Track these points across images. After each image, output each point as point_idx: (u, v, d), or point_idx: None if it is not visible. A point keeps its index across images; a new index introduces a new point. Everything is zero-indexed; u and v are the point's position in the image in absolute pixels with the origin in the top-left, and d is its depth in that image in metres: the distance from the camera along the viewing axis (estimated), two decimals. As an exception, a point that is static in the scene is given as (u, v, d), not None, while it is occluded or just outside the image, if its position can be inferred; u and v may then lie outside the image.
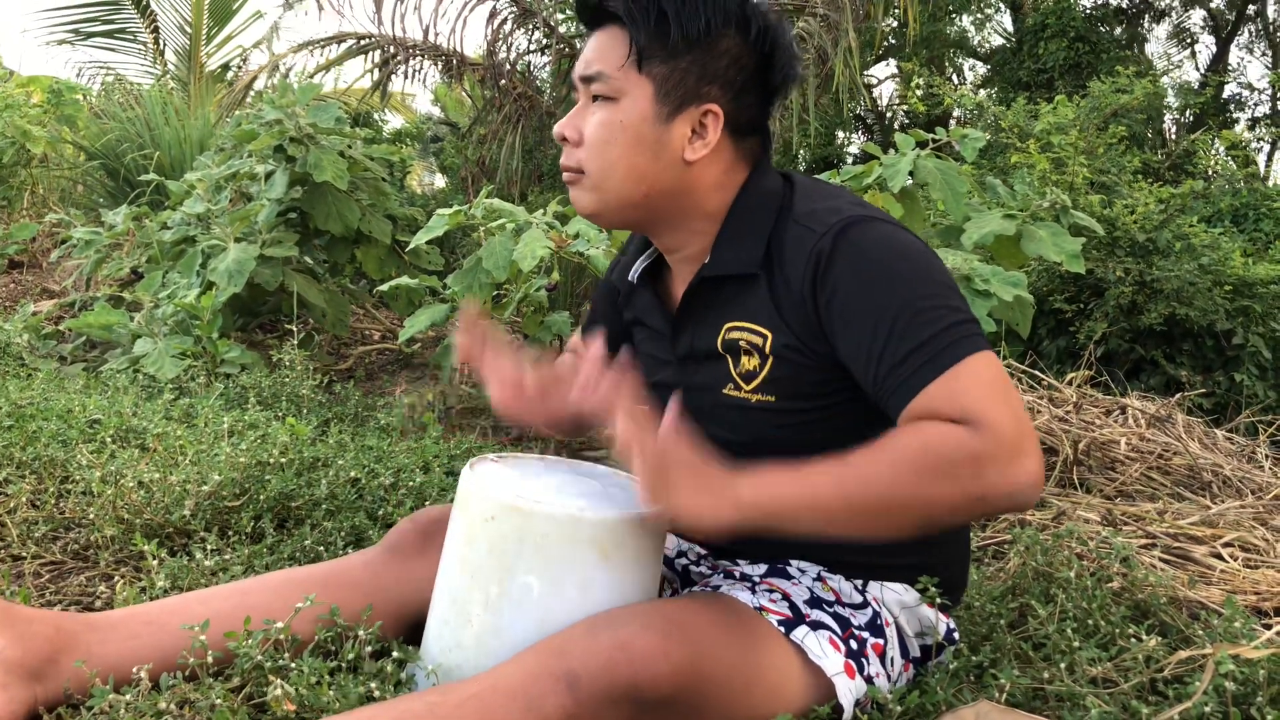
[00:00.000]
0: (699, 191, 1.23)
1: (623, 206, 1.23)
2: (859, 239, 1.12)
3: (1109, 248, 5.12)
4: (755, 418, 1.22)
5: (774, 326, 1.18)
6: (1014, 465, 0.99)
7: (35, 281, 5.23)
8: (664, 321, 1.33)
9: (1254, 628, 1.36)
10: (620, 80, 1.19)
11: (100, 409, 2.46)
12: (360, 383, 3.62)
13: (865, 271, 1.11)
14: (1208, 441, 2.89)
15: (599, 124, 1.20)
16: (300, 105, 3.55)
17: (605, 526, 1.11)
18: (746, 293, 1.21)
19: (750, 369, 1.21)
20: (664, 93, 1.19)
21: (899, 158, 2.54)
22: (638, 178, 1.20)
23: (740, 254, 1.21)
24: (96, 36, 10.20)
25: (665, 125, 1.19)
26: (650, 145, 1.19)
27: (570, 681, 0.97)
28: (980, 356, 1.05)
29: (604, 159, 1.20)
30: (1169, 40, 17.32)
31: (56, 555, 1.73)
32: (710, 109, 1.20)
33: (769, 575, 1.27)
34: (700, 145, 1.20)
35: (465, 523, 1.17)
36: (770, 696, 1.09)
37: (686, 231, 1.26)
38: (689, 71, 1.19)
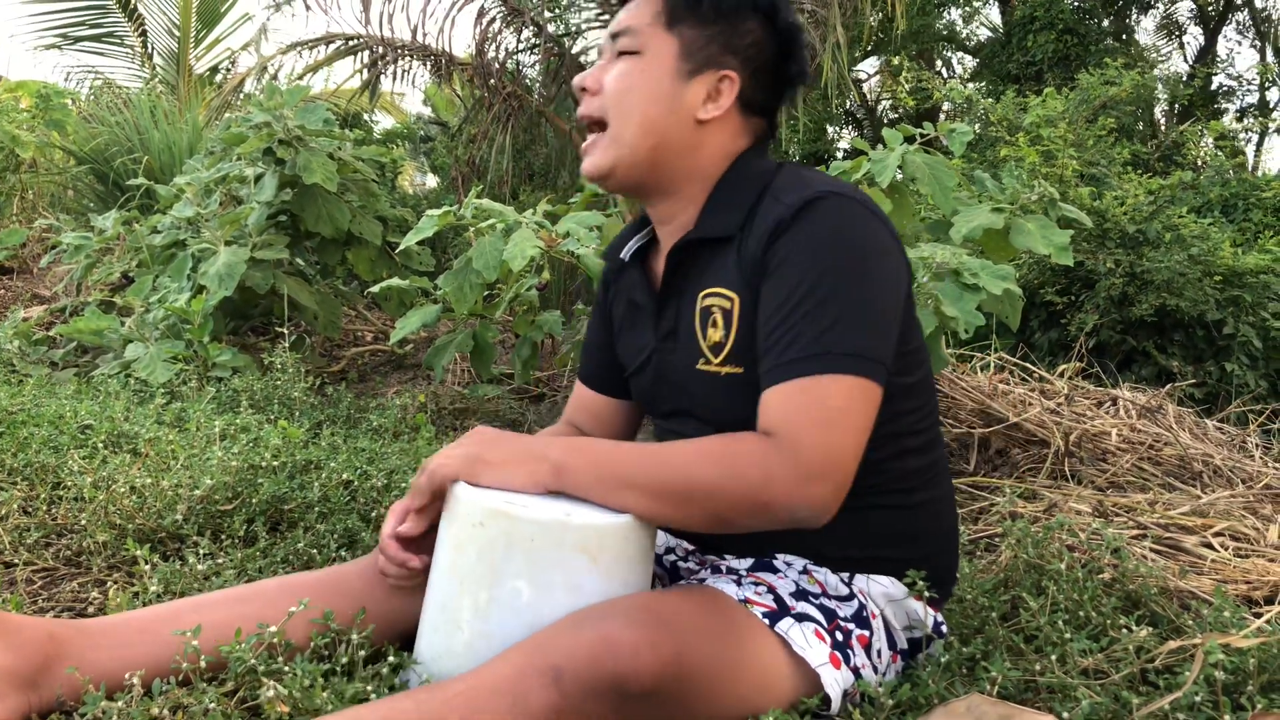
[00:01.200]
0: (701, 154, 1.29)
1: (632, 162, 1.28)
2: (819, 216, 1.16)
3: (1099, 239, 5.14)
4: (727, 393, 1.24)
5: (738, 290, 1.22)
6: (800, 486, 1.07)
7: (25, 287, 5.21)
8: (649, 298, 1.37)
9: (1244, 617, 1.37)
10: (648, 35, 1.27)
11: (92, 414, 2.46)
12: (352, 384, 3.62)
13: (805, 248, 1.15)
14: (1198, 432, 2.90)
15: (621, 74, 1.27)
16: (288, 107, 3.54)
17: (592, 531, 1.11)
18: (720, 258, 1.26)
19: (717, 341, 1.25)
20: (688, 53, 1.26)
21: (887, 153, 2.54)
22: (650, 128, 1.26)
23: (723, 219, 1.26)
24: (84, 40, 10.16)
25: (684, 82, 1.26)
26: (667, 98, 1.26)
27: (555, 676, 0.97)
28: (843, 381, 1.09)
29: (621, 106, 1.27)
30: (1157, 32, 17.36)
31: (49, 561, 1.72)
32: (728, 75, 1.27)
33: (755, 569, 1.27)
34: (713, 107, 1.27)
35: (454, 529, 1.17)
36: (755, 686, 1.10)
37: (682, 198, 1.31)
38: (714, 39, 1.26)
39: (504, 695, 0.97)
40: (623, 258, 1.42)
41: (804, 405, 1.09)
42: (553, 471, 1.14)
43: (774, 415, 1.10)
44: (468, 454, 1.16)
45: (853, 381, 1.09)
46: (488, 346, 3.13)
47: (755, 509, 1.08)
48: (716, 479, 1.08)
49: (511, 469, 1.14)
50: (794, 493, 1.06)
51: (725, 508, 1.09)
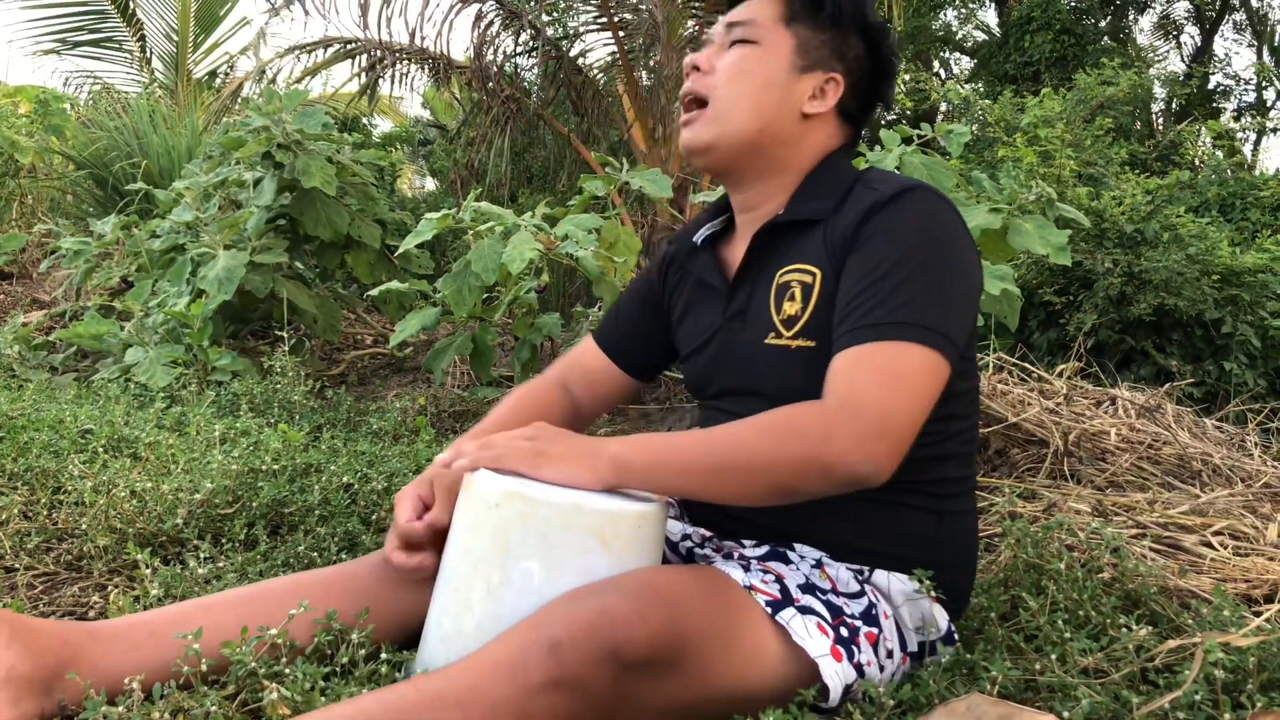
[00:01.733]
0: (799, 146, 1.36)
1: (735, 142, 1.34)
2: (914, 200, 1.22)
3: (1097, 239, 5.14)
4: (796, 366, 1.27)
5: (822, 266, 1.26)
6: (862, 440, 1.08)
7: (25, 292, 5.22)
8: (722, 280, 1.41)
9: (1243, 616, 1.37)
10: (767, 29, 1.34)
11: (92, 419, 2.46)
12: (352, 388, 3.62)
13: (899, 224, 1.20)
14: (1197, 431, 2.90)
15: (739, 58, 1.34)
16: (287, 111, 3.54)
17: (606, 515, 1.13)
18: (804, 239, 1.31)
19: (792, 314, 1.28)
20: (803, 50, 1.34)
21: (885, 154, 2.55)
22: (758, 113, 1.32)
23: (814, 205, 1.32)
24: (83, 45, 10.17)
25: (796, 76, 1.34)
26: (779, 88, 1.33)
27: (553, 647, 0.98)
28: (906, 346, 1.12)
29: (734, 89, 1.33)
30: (1154, 31, 17.38)
31: (50, 566, 1.73)
32: (834, 77, 1.35)
33: (767, 558, 1.28)
34: (819, 104, 1.35)
35: (469, 511, 1.18)
36: (750, 658, 1.10)
37: (774, 186, 1.37)
38: (826, 43, 1.35)
39: (503, 668, 0.98)
40: (695, 241, 1.47)
41: (871, 368, 1.11)
42: (612, 466, 1.15)
43: (840, 376, 1.12)
44: (533, 447, 1.17)
45: (922, 351, 1.12)
46: (487, 349, 3.14)
47: (817, 471, 1.09)
48: (775, 447, 1.10)
49: (573, 465, 1.15)
50: (853, 449, 1.07)
51: (787, 475, 1.10)
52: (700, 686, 1.06)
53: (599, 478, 1.15)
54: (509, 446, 1.17)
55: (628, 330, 1.58)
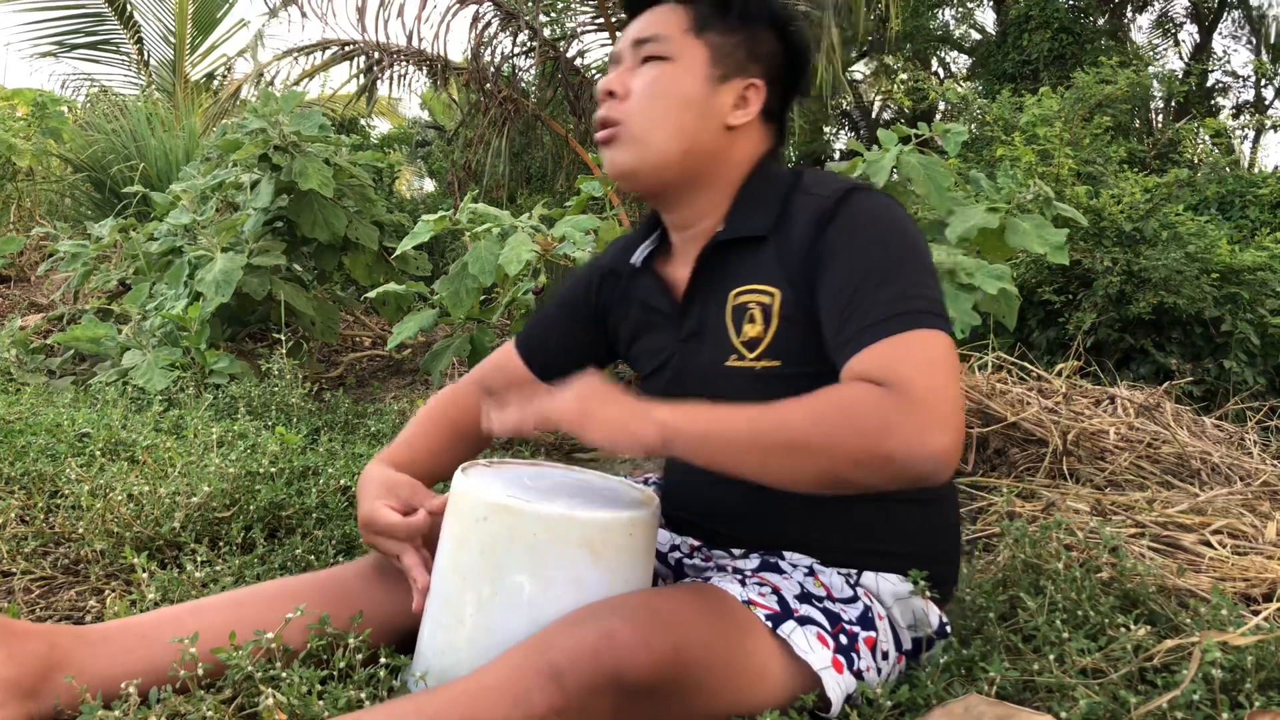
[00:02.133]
0: (730, 159, 1.31)
1: (660, 164, 1.28)
2: (860, 203, 1.20)
3: (1096, 238, 5.14)
4: (760, 387, 1.23)
5: (780, 286, 1.23)
6: (924, 431, 1.01)
7: (23, 295, 5.21)
8: (668, 302, 1.36)
9: (1241, 615, 1.37)
10: (678, 42, 1.28)
11: (89, 422, 2.46)
12: (350, 390, 3.62)
13: (856, 229, 1.17)
14: (1196, 429, 2.90)
15: (652, 80, 1.28)
16: (284, 113, 3.54)
17: (596, 526, 1.11)
18: (754, 257, 1.27)
19: (754, 335, 1.25)
20: (717, 59, 1.28)
21: (882, 153, 2.54)
22: (680, 133, 1.27)
23: (754, 219, 1.28)
24: (80, 48, 10.18)
25: (714, 89, 1.28)
26: (698, 105, 1.28)
27: (555, 674, 0.97)
28: (930, 333, 1.09)
29: (652, 112, 1.27)
30: (1152, 29, 17.38)
31: (46, 570, 1.72)
32: (754, 83, 1.31)
33: (761, 569, 1.27)
34: (742, 114, 1.30)
35: (457, 525, 1.17)
36: (754, 683, 1.10)
37: (706, 202, 1.32)
38: (740, 46, 1.30)
39: (505, 695, 0.97)
40: (634, 263, 1.42)
41: (906, 357, 1.06)
42: (659, 432, 1.08)
43: (880, 368, 1.06)
44: (581, 408, 1.11)
45: (938, 334, 1.09)
46: (485, 350, 3.13)
47: (875, 462, 1.02)
48: (831, 432, 1.03)
49: (618, 429, 1.09)
50: (916, 441, 1.00)
51: (843, 463, 1.03)
52: (704, 711, 1.06)
53: (643, 443, 1.09)
54: (555, 405, 1.12)
55: (552, 342, 1.53)
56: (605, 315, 1.49)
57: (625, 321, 1.46)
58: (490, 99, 5.85)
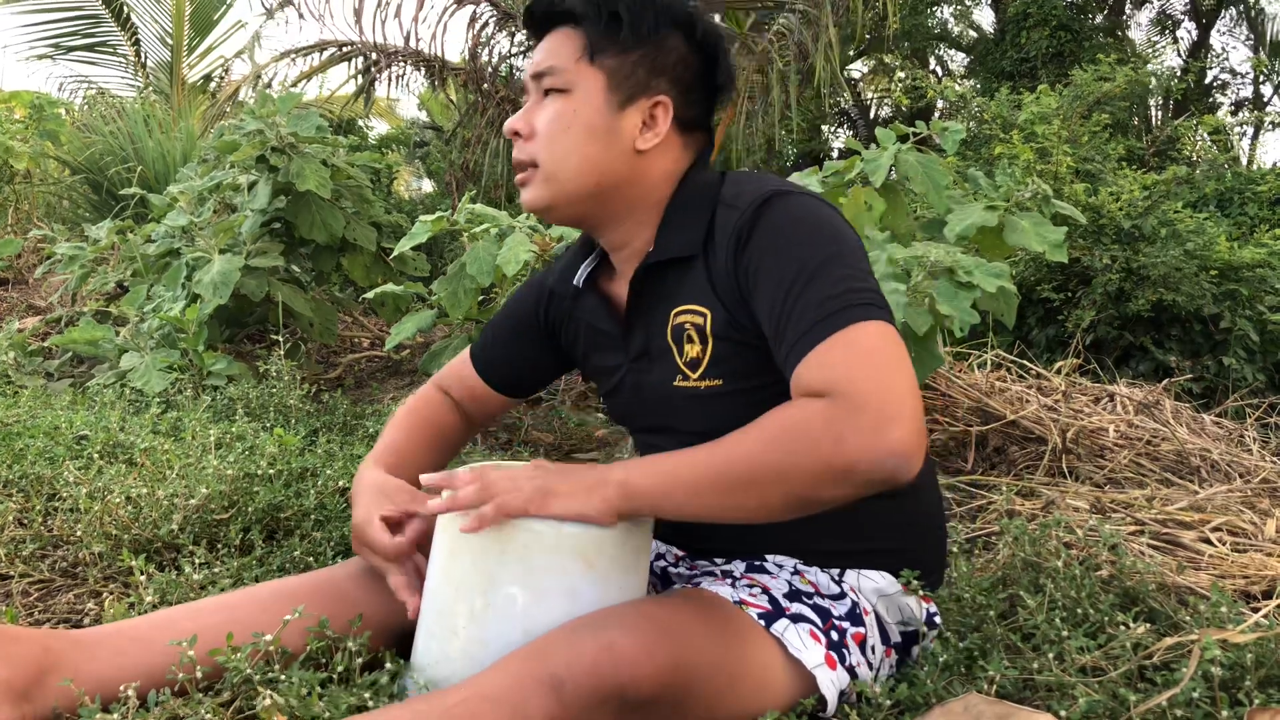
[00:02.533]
0: (647, 181, 1.27)
1: (575, 198, 1.26)
2: (773, 210, 1.17)
3: (1095, 235, 5.14)
4: (708, 406, 1.24)
5: (711, 305, 1.22)
6: (875, 434, 0.99)
7: (20, 298, 5.21)
8: (613, 323, 1.34)
9: (1241, 612, 1.36)
10: (572, 73, 1.23)
11: (87, 425, 2.46)
12: (349, 391, 3.62)
13: (776, 238, 1.15)
14: (1196, 426, 2.90)
15: (552, 115, 1.24)
16: (281, 115, 3.53)
17: (589, 537, 1.11)
18: (687, 276, 1.25)
19: (694, 356, 1.24)
20: (615, 84, 1.23)
21: (880, 152, 2.54)
22: (590, 167, 1.24)
23: (682, 238, 1.25)
24: (77, 50, 10.17)
25: (617, 115, 1.23)
26: (603, 134, 1.23)
27: (554, 685, 0.97)
28: (866, 325, 1.06)
29: (557, 149, 1.24)
30: (1151, 26, 17.37)
31: (44, 573, 1.72)
32: (660, 100, 1.25)
33: (749, 571, 1.27)
34: (651, 135, 1.25)
35: (449, 536, 1.16)
36: (754, 691, 1.10)
37: (632, 224, 1.29)
38: (639, 65, 1.24)
39: (503, 705, 0.97)
40: (576, 284, 1.39)
41: (844, 357, 1.04)
42: (620, 493, 1.09)
43: (817, 379, 1.04)
44: (537, 487, 1.10)
45: (875, 324, 1.07)
46: (484, 351, 3.13)
47: (836, 476, 1.00)
48: (786, 456, 1.02)
49: (580, 498, 1.09)
50: (873, 444, 0.98)
51: (805, 484, 1.02)
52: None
53: (609, 508, 1.09)
54: (512, 490, 1.11)
55: (501, 356, 1.52)
56: (557, 332, 1.48)
57: (577, 341, 1.44)
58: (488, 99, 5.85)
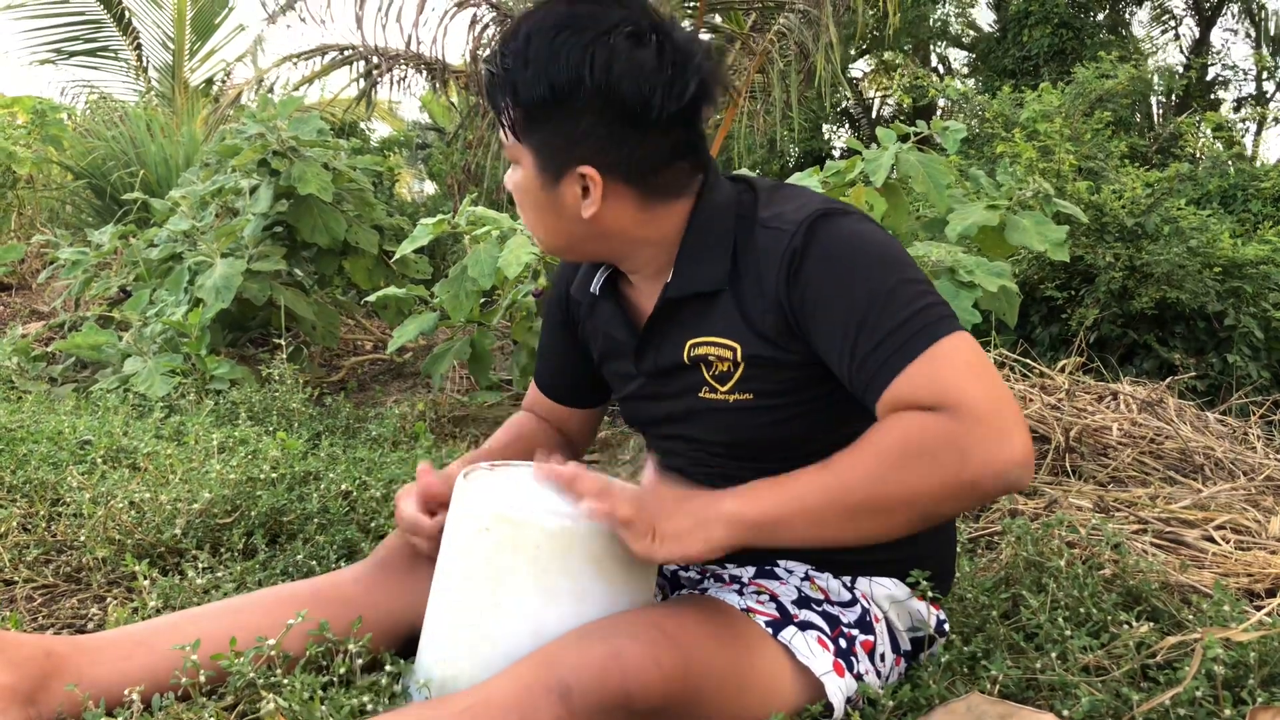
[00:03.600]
0: (624, 235, 1.22)
1: (563, 250, 1.28)
2: (828, 233, 1.13)
3: (1098, 233, 5.13)
4: (735, 418, 1.22)
5: (742, 339, 1.19)
6: (998, 445, 0.98)
7: (24, 303, 5.22)
8: (628, 334, 1.31)
9: (1244, 610, 1.36)
10: (515, 149, 1.21)
11: (91, 430, 2.46)
12: (352, 394, 3.62)
13: (836, 265, 1.11)
14: (1199, 424, 2.89)
15: (512, 184, 1.25)
16: (282, 118, 3.54)
17: (599, 537, 1.10)
18: (710, 309, 1.21)
19: (724, 370, 1.22)
20: (542, 162, 1.19)
21: (881, 152, 2.54)
22: (554, 233, 1.24)
23: (705, 271, 1.20)
24: (79, 55, 10.18)
25: (553, 190, 1.19)
26: (549, 207, 1.21)
27: (563, 693, 0.96)
28: (953, 338, 1.05)
29: (525, 217, 1.27)
30: (1152, 23, 17.35)
31: (48, 578, 1.72)
32: (583, 171, 1.16)
33: (757, 576, 1.27)
34: (589, 204, 1.18)
35: (458, 534, 1.16)
36: (761, 699, 1.09)
37: (641, 259, 1.26)
38: (554, 136, 1.16)
39: (511, 712, 0.96)
40: (593, 292, 1.36)
41: (946, 371, 1.02)
42: (728, 529, 1.03)
43: (924, 394, 1.02)
44: (648, 520, 1.05)
45: (960, 335, 1.06)
46: (485, 353, 3.13)
47: (964, 490, 0.99)
48: (911, 477, 0.99)
49: (689, 541, 1.04)
50: (997, 456, 0.98)
51: (931, 504, 1.00)
52: None
53: (714, 547, 1.03)
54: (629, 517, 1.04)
55: (560, 370, 1.51)
56: (583, 335, 1.47)
57: (594, 343, 1.43)
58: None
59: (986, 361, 1.05)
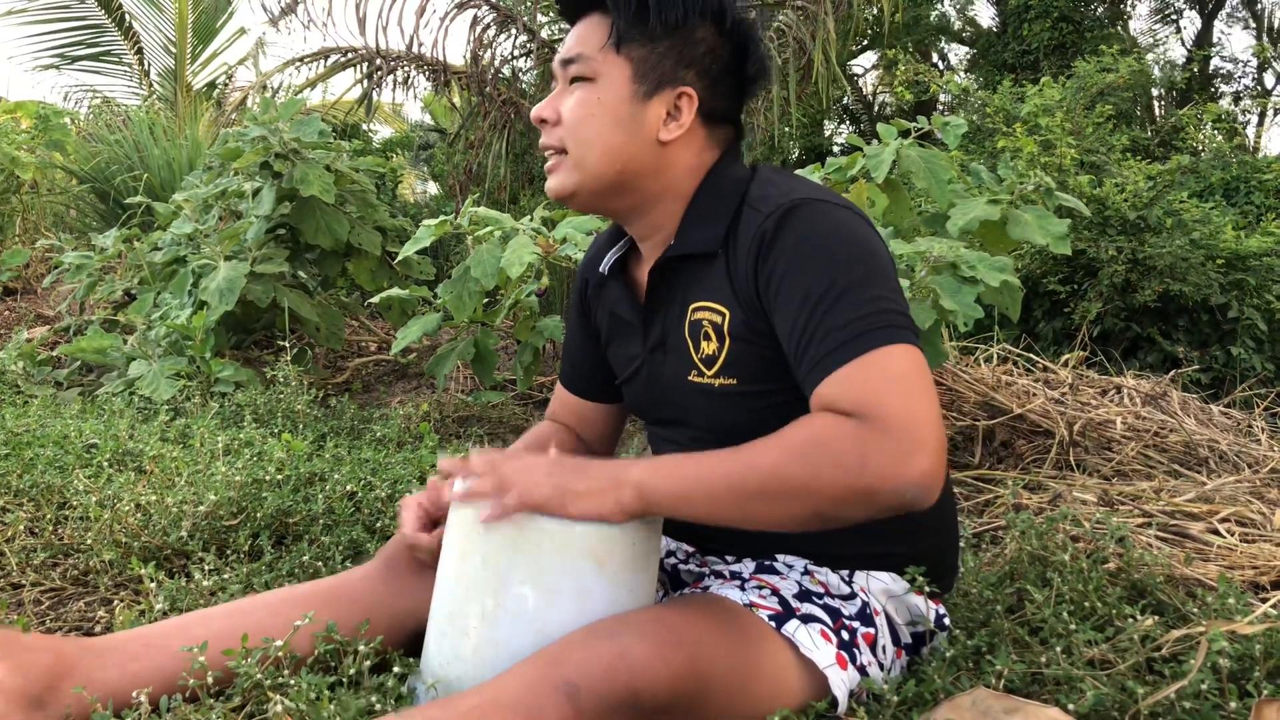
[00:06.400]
0: (670, 173, 1.26)
1: (598, 187, 1.26)
2: (801, 219, 1.15)
3: (1100, 227, 5.13)
4: (722, 404, 1.24)
5: (730, 305, 1.21)
6: (900, 461, 1.00)
7: (29, 307, 5.23)
8: (634, 311, 1.35)
9: (1249, 603, 1.36)
10: (599, 61, 1.23)
11: (96, 433, 2.47)
12: (357, 395, 3.63)
13: (803, 251, 1.14)
14: (1203, 417, 2.89)
15: (577, 102, 1.24)
16: (283, 120, 3.55)
17: (599, 536, 1.11)
18: (707, 272, 1.24)
19: (710, 353, 1.24)
20: (641, 74, 1.23)
21: (882, 148, 2.54)
22: (613, 155, 1.24)
23: (703, 233, 1.24)
24: (82, 60, 10.21)
25: (642, 104, 1.23)
26: (626, 123, 1.23)
27: (569, 692, 0.97)
28: (895, 349, 1.06)
29: (582, 136, 1.24)
30: (1152, 16, 17.31)
31: (55, 581, 1.73)
32: (685, 91, 1.24)
33: (758, 571, 1.27)
34: (675, 126, 1.24)
35: (458, 536, 1.17)
36: (767, 695, 1.10)
37: (657, 214, 1.29)
38: (666, 55, 1.23)
39: (518, 711, 0.97)
40: (602, 271, 1.40)
41: (871, 380, 1.04)
42: (636, 495, 1.08)
43: (845, 398, 1.04)
44: (556, 485, 1.10)
45: (903, 348, 1.07)
46: (489, 353, 3.14)
47: (857, 497, 1.01)
48: (808, 473, 1.02)
49: (596, 499, 1.08)
50: (897, 471, 0.99)
51: (824, 502, 1.02)
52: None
53: (623, 509, 1.08)
54: (530, 484, 1.10)
55: (582, 365, 1.53)
56: (592, 315, 1.50)
57: (602, 325, 1.46)
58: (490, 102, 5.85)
59: (921, 377, 1.06)
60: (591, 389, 1.54)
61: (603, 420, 1.56)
